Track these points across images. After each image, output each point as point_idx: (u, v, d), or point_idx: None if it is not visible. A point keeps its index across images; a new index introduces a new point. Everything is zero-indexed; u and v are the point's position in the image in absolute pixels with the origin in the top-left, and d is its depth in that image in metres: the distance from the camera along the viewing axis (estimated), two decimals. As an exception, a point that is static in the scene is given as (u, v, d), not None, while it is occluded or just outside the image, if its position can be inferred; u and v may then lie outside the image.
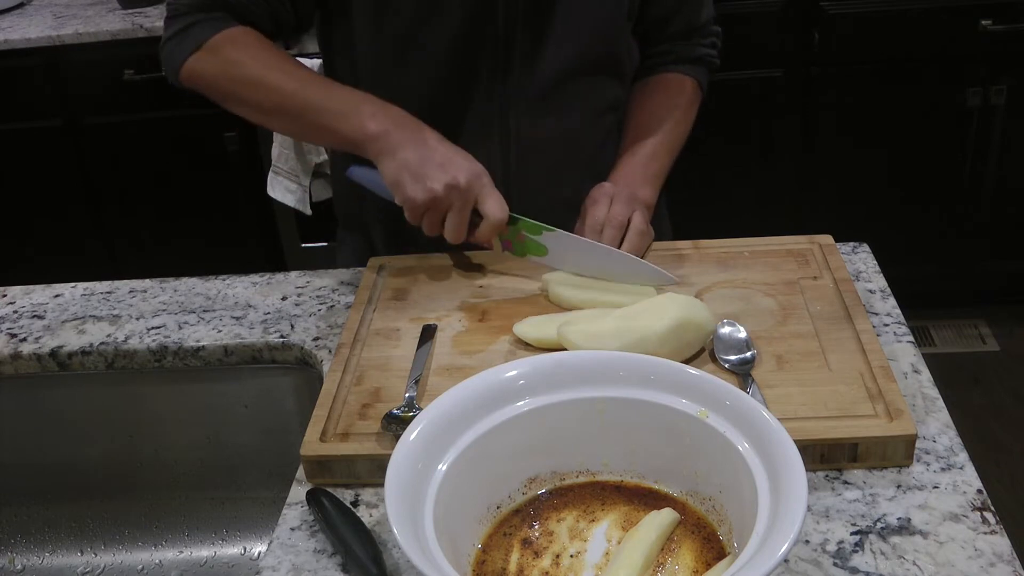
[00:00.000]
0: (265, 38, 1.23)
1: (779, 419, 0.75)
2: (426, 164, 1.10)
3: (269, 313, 1.23)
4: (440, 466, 0.77)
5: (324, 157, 1.97)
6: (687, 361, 1.01)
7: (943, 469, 0.90)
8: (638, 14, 1.29)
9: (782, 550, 0.65)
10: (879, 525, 0.85)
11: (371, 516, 0.91)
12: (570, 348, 1.00)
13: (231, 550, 1.25)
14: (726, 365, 1.00)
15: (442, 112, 1.23)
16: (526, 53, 1.22)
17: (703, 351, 1.03)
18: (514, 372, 0.83)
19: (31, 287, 1.35)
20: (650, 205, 1.25)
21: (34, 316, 1.28)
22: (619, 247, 1.16)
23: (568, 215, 1.23)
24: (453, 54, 1.21)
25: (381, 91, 1.22)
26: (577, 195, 1.26)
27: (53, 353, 1.20)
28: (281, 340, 1.17)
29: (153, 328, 1.22)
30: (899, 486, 0.89)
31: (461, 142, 1.22)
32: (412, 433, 0.77)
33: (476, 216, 1.13)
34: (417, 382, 1.00)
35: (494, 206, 1.12)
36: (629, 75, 1.34)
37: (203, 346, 1.18)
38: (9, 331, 1.25)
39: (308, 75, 1.20)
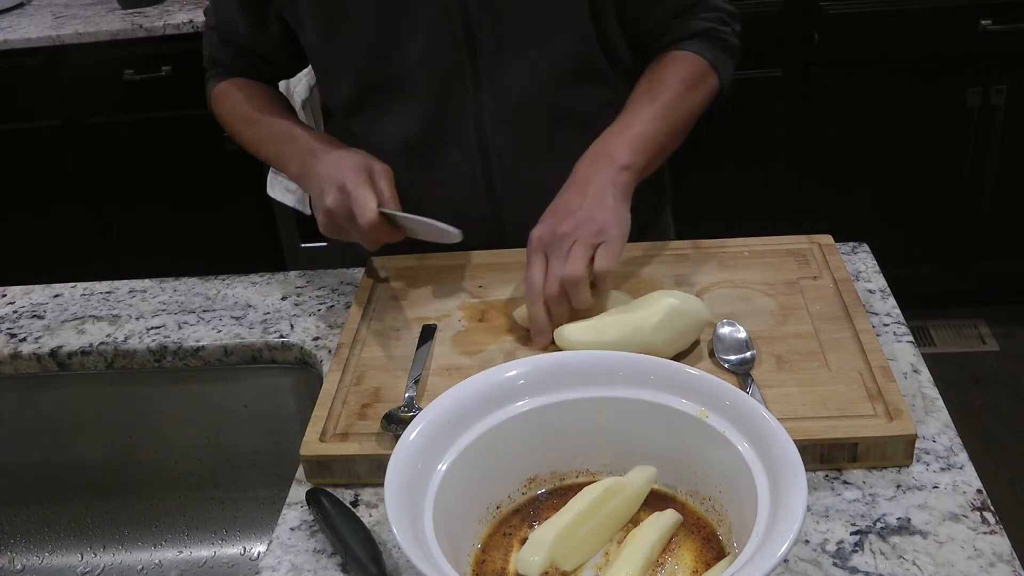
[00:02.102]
0: (248, 83, 1.31)
1: (779, 419, 0.76)
2: (318, 197, 1.12)
3: (269, 313, 1.23)
4: (440, 466, 0.77)
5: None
6: (686, 359, 1.01)
7: (943, 469, 0.90)
8: (620, 3, 1.21)
9: (782, 550, 0.65)
10: (879, 525, 0.85)
11: (371, 516, 0.91)
12: (567, 348, 1.00)
13: (231, 550, 1.25)
14: (726, 365, 1.00)
15: (421, 145, 1.23)
16: (493, 65, 1.18)
17: (698, 346, 1.03)
18: (514, 372, 0.84)
19: (31, 287, 1.35)
20: (628, 167, 1.11)
21: (34, 316, 1.28)
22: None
23: None
24: (420, 82, 1.19)
25: (367, 129, 1.25)
26: None
27: (53, 353, 1.20)
28: (281, 340, 1.17)
29: (153, 328, 1.22)
30: (899, 486, 0.89)
31: (445, 171, 1.23)
32: (412, 433, 0.77)
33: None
34: (417, 382, 1.00)
35: (359, 213, 1.07)
36: (616, 77, 1.25)
37: (203, 346, 1.18)
38: (9, 331, 1.25)
39: (266, 119, 1.27)
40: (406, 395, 0.98)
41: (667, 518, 0.79)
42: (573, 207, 1.08)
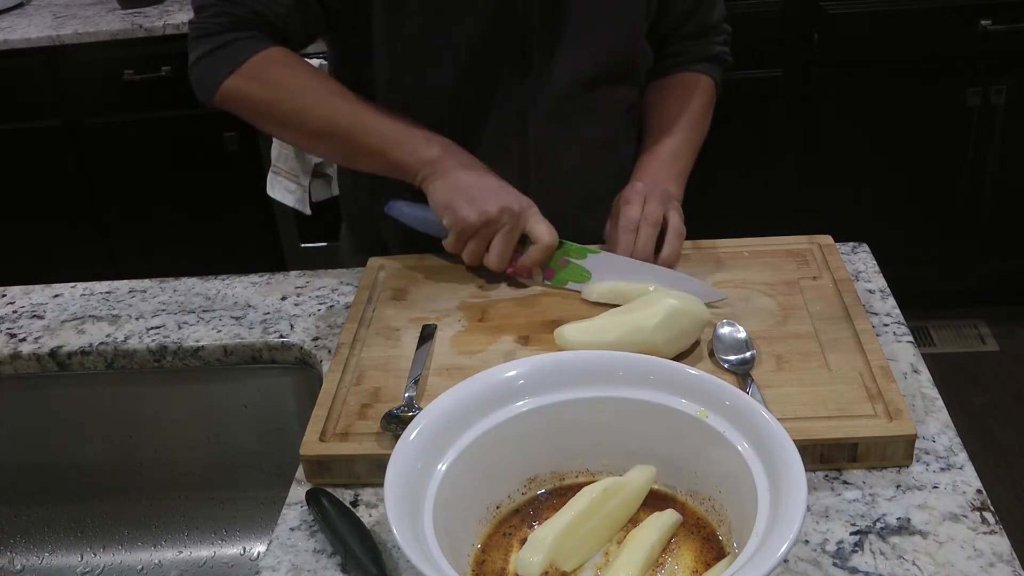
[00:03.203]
0: (302, 59, 1.20)
1: (779, 419, 0.76)
2: (480, 188, 1.14)
3: (268, 313, 1.23)
4: (440, 466, 0.77)
5: (324, 157, 1.96)
6: (686, 359, 1.01)
7: (943, 469, 0.90)
8: (654, 17, 1.29)
9: (782, 550, 0.65)
10: (879, 525, 0.85)
11: (371, 516, 0.91)
12: (568, 347, 1.00)
13: (231, 550, 1.25)
14: (726, 365, 1.00)
15: (460, 116, 1.24)
16: (543, 56, 1.21)
17: (698, 346, 1.03)
18: (514, 372, 0.83)
19: (31, 287, 1.35)
20: (679, 201, 1.24)
21: (34, 316, 1.28)
22: (656, 246, 1.16)
23: (585, 215, 1.24)
24: (470, 58, 1.20)
25: (397, 98, 1.22)
26: (594, 195, 1.27)
27: (53, 353, 1.20)
28: (281, 340, 1.17)
29: (152, 328, 1.22)
30: (899, 486, 0.89)
31: (481, 146, 1.22)
32: (412, 433, 0.77)
33: (519, 244, 1.16)
34: (417, 382, 1.00)
35: (545, 231, 1.15)
36: (643, 77, 1.34)
37: (203, 346, 1.18)
38: (9, 331, 1.25)
39: (356, 99, 1.19)
40: (406, 395, 0.98)
41: (667, 518, 0.79)
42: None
